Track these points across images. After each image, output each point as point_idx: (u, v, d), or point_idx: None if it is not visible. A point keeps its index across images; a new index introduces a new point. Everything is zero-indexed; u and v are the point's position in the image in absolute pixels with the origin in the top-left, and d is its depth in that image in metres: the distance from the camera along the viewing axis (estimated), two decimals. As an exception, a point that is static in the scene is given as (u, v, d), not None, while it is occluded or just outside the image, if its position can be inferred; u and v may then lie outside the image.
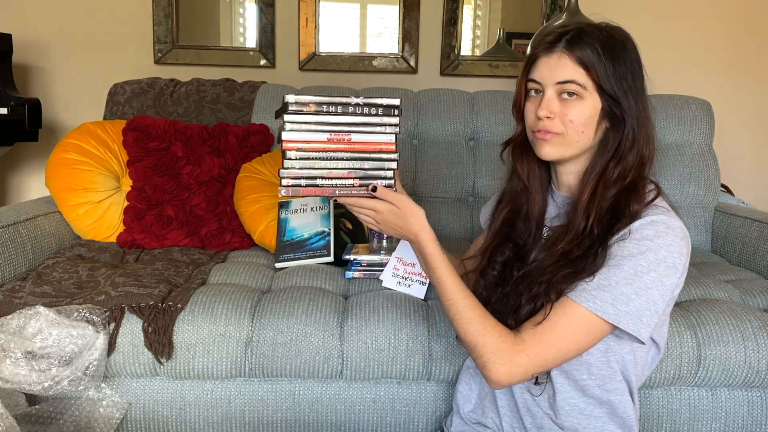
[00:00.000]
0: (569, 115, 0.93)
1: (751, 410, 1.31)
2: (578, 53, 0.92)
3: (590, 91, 0.92)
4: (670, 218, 0.89)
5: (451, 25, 2.52)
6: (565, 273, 0.90)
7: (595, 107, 0.93)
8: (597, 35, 0.93)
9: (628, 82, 0.92)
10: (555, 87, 0.94)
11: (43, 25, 2.43)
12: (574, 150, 0.95)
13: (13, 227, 1.45)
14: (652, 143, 0.95)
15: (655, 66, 2.88)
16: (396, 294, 1.34)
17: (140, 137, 1.74)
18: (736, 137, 2.62)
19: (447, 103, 1.98)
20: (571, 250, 0.92)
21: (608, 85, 0.91)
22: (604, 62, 0.91)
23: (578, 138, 0.94)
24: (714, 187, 1.89)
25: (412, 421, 1.30)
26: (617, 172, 0.93)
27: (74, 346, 1.16)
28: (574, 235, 0.92)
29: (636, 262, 0.86)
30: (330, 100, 0.94)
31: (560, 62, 0.93)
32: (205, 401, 1.29)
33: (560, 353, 0.88)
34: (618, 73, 0.92)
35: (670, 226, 0.88)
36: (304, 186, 0.95)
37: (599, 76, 0.91)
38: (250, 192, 1.69)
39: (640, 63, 0.95)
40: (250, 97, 1.97)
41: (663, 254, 0.86)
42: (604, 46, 0.92)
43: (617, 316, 0.86)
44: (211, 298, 1.28)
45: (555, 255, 0.93)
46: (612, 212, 0.91)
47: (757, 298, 1.41)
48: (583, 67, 0.92)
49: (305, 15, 2.48)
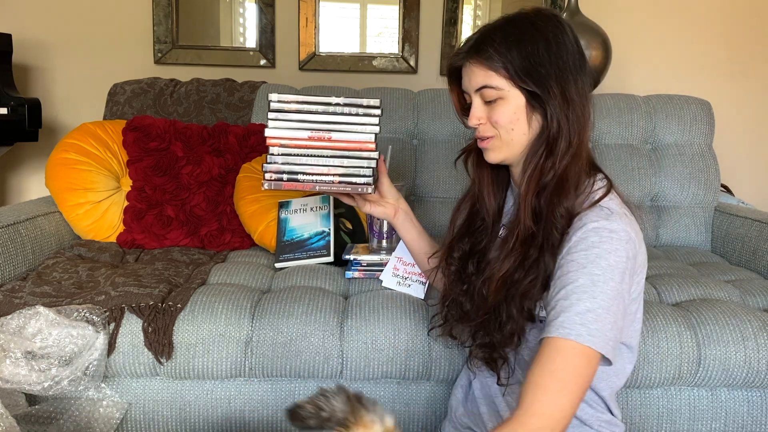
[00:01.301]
0: (494, 117, 0.93)
1: (751, 410, 1.31)
2: (483, 57, 0.91)
3: (508, 88, 0.90)
4: (611, 222, 0.85)
5: (451, 25, 2.52)
6: (523, 286, 0.89)
7: (518, 103, 0.91)
8: (498, 29, 0.91)
9: (544, 65, 0.88)
10: (476, 95, 0.94)
11: (43, 25, 2.43)
12: (514, 148, 0.95)
13: (13, 227, 1.45)
14: (582, 128, 0.90)
15: (655, 66, 2.88)
16: (396, 294, 1.34)
17: (140, 137, 1.74)
18: (736, 137, 2.62)
19: (447, 103, 1.98)
20: (523, 252, 0.91)
21: (520, 76, 0.89)
22: (509, 55, 0.89)
23: (511, 136, 0.93)
24: (714, 187, 1.89)
25: (412, 422, 1.30)
26: (549, 163, 0.90)
27: (74, 346, 1.16)
28: (521, 231, 0.91)
29: (590, 271, 0.82)
30: (311, 99, 0.99)
31: (471, 70, 0.93)
32: (205, 401, 1.29)
33: (574, 395, 0.80)
34: (528, 58, 0.88)
35: (613, 230, 0.84)
36: (286, 180, 1.01)
37: (508, 72, 0.89)
38: (250, 192, 1.69)
39: (559, 38, 0.90)
40: (250, 97, 1.97)
41: (613, 259, 0.83)
42: (506, 37, 0.90)
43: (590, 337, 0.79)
44: (211, 298, 1.28)
45: (508, 257, 0.92)
46: (548, 207, 0.89)
47: (757, 298, 1.41)
48: (491, 69, 0.90)
49: (305, 15, 2.48)
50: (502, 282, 0.92)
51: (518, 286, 0.90)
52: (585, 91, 0.91)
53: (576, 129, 0.90)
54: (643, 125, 1.94)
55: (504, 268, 0.92)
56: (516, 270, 0.91)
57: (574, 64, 0.90)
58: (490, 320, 0.95)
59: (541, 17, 0.91)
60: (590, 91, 0.93)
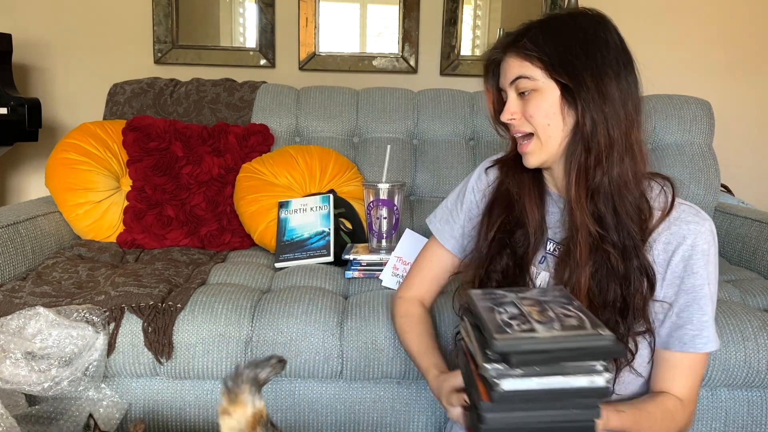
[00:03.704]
0: (528, 111, 0.90)
1: (751, 410, 1.31)
2: (520, 46, 0.89)
3: (543, 80, 0.88)
4: (704, 220, 0.89)
5: (451, 25, 2.52)
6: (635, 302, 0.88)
7: (553, 95, 0.88)
8: (537, 23, 0.90)
9: (580, 58, 0.86)
10: (511, 88, 0.91)
11: (43, 25, 2.43)
12: (552, 148, 0.91)
13: (12, 227, 1.45)
14: (627, 126, 0.87)
15: (655, 66, 2.86)
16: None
17: (140, 137, 1.74)
18: (736, 137, 2.62)
19: (447, 103, 1.98)
20: (603, 262, 0.88)
21: (555, 67, 0.86)
22: (545, 47, 0.87)
23: (547, 132, 0.89)
24: (714, 187, 1.89)
25: (412, 421, 1.30)
26: (592, 160, 0.86)
27: (74, 346, 1.16)
28: (583, 238, 0.87)
29: (711, 281, 0.89)
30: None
31: (507, 63, 0.91)
32: (205, 401, 1.29)
33: None
34: (563, 48, 0.86)
35: (712, 230, 0.89)
36: None
37: (543, 61, 0.87)
38: (250, 192, 1.69)
39: (600, 34, 0.87)
40: (250, 97, 1.97)
41: (715, 261, 0.91)
42: (544, 27, 0.89)
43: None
44: (211, 298, 1.28)
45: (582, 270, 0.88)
46: (612, 209, 0.87)
47: (757, 298, 1.41)
48: (526, 59, 0.88)
49: (305, 15, 2.48)
50: (592, 300, 0.88)
51: (626, 302, 0.88)
52: (631, 90, 0.88)
53: (615, 125, 0.86)
54: (642, 125, 1.94)
55: (584, 284, 0.88)
56: (607, 285, 0.88)
57: (616, 62, 0.87)
58: None
59: (584, 14, 0.89)
60: (639, 92, 0.90)
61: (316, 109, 1.96)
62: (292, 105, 1.96)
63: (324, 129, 1.95)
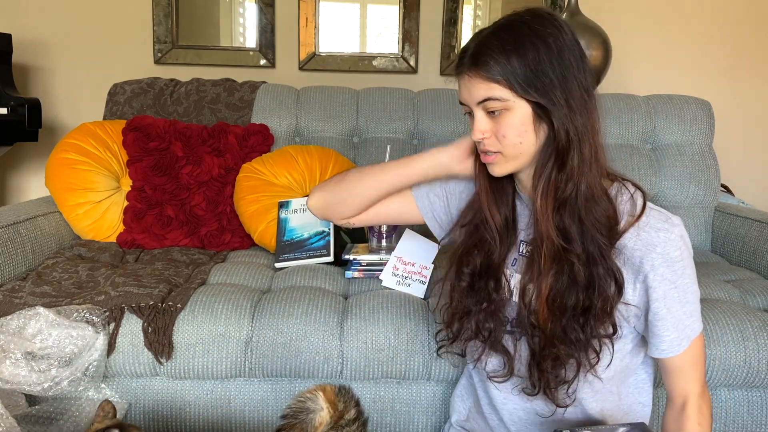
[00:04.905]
0: (500, 131, 0.88)
1: (751, 410, 1.31)
2: (483, 69, 0.85)
3: (513, 99, 0.85)
4: (674, 226, 0.89)
5: (451, 25, 2.52)
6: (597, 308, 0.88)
7: (524, 113, 0.86)
8: (495, 37, 0.86)
9: (547, 73, 0.84)
10: (479, 107, 0.89)
11: (43, 25, 2.43)
12: (520, 161, 0.90)
13: (12, 227, 1.45)
14: (594, 133, 0.88)
15: (655, 66, 2.87)
16: (396, 294, 1.34)
17: (140, 137, 1.74)
18: (736, 137, 2.62)
19: (447, 103, 1.98)
20: (565, 270, 0.88)
21: (523, 86, 0.84)
22: (508, 65, 0.84)
23: (518, 150, 0.89)
24: (714, 187, 1.89)
25: (412, 421, 1.30)
26: (563, 176, 0.86)
27: (74, 346, 1.16)
28: (548, 248, 0.88)
29: (688, 285, 0.91)
30: None
31: (472, 83, 0.88)
32: (205, 401, 1.29)
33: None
34: (529, 66, 0.84)
35: (682, 235, 0.89)
36: None
37: (511, 83, 0.84)
38: (250, 192, 1.69)
39: (559, 40, 0.85)
40: (250, 97, 1.97)
41: (690, 260, 0.91)
42: (504, 42, 0.85)
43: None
44: (211, 298, 1.28)
45: (543, 277, 0.89)
46: (578, 222, 0.87)
47: (757, 298, 1.41)
48: (493, 82, 0.85)
49: (305, 15, 2.48)
50: (551, 306, 0.89)
51: (589, 307, 0.88)
52: (590, 91, 0.88)
53: (587, 136, 0.87)
54: (643, 125, 1.94)
55: (545, 290, 0.89)
56: (568, 292, 0.89)
57: (576, 65, 0.86)
58: (558, 347, 0.90)
59: (538, 19, 0.86)
60: (594, 87, 0.90)
61: (316, 109, 1.96)
62: (292, 105, 1.96)
63: (324, 129, 1.95)
